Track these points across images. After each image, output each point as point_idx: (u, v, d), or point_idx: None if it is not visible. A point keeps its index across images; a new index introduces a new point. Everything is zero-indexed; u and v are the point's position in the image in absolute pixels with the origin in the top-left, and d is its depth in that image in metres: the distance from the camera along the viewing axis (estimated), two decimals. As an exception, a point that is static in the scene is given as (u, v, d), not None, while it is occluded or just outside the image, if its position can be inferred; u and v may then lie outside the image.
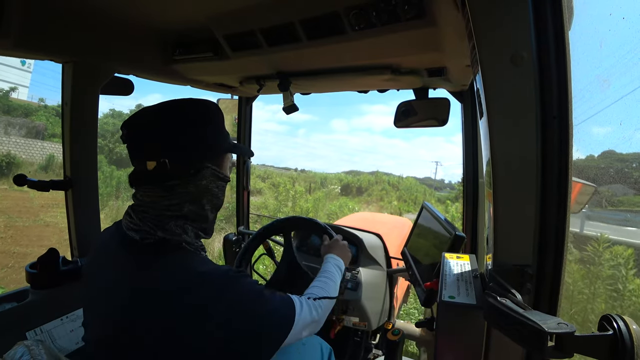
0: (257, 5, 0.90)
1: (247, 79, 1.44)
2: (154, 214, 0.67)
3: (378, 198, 18.09)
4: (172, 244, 0.66)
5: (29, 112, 18.22)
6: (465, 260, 0.78)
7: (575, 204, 0.55)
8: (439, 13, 0.77)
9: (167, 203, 0.67)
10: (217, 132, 0.74)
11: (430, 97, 1.34)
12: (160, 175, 0.66)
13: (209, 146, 0.71)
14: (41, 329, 1.03)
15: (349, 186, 19.83)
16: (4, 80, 22.46)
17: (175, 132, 0.68)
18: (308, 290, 0.83)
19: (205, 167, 0.70)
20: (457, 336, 0.63)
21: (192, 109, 0.71)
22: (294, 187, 12.67)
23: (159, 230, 0.65)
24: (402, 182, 21.36)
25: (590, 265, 3.55)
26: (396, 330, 1.37)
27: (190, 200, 0.69)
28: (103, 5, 0.94)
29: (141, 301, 0.61)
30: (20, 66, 25.75)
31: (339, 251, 1.07)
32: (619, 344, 0.41)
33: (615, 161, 3.98)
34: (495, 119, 0.53)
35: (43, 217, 8.20)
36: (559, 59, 0.51)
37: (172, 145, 0.67)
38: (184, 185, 0.68)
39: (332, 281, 0.89)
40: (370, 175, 22.03)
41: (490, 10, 0.52)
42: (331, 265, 0.97)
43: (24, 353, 0.57)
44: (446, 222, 1.10)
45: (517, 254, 0.55)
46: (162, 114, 0.70)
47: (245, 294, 0.65)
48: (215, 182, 0.72)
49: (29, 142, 15.62)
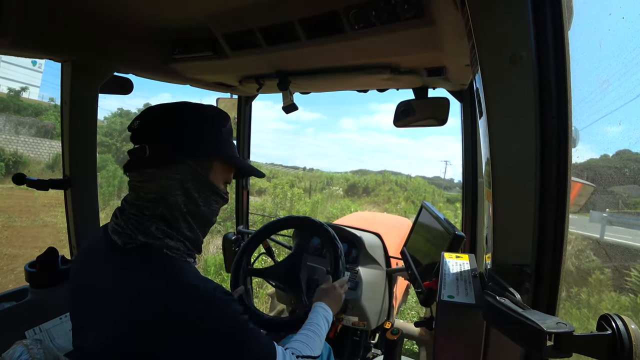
0: (256, 4, 0.89)
1: (246, 78, 1.44)
2: (134, 213, 0.66)
3: (385, 199, 17.60)
4: (155, 248, 0.64)
5: (38, 111, 18.42)
6: (465, 259, 0.78)
7: (574, 204, 0.55)
8: (438, 12, 0.77)
9: (144, 196, 0.67)
10: (208, 133, 0.71)
11: (430, 96, 1.34)
12: (139, 161, 0.67)
13: (191, 143, 0.69)
14: (40, 328, 1.03)
15: (355, 186, 19.37)
16: (15, 80, 22.90)
17: (162, 121, 0.69)
18: (292, 345, 0.79)
19: (182, 162, 0.67)
20: (456, 335, 0.63)
21: (191, 107, 0.72)
22: (292, 189, 12.23)
23: (140, 234, 0.64)
24: (410, 182, 20.70)
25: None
26: (395, 329, 1.38)
27: (162, 195, 0.67)
28: (102, 4, 0.94)
29: (125, 310, 0.59)
30: (32, 66, 25.95)
31: (332, 300, 1.02)
32: (618, 343, 0.41)
33: (630, 161, 3.94)
34: (495, 118, 0.53)
35: (43, 217, 8.17)
36: (559, 58, 0.51)
37: (154, 133, 0.68)
38: (157, 175, 0.66)
39: (318, 337, 0.85)
40: (378, 175, 21.50)
41: (489, 9, 0.51)
42: (320, 318, 0.92)
43: (23, 352, 0.57)
44: (445, 221, 1.10)
45: (516, 253, 0.55)
46: (164, 107, 0.71)
47: (231, 316, 0.62)
48: (193, 182, 0.69)
49: (37, 141, 15.76)
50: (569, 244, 0.59)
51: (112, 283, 0.63)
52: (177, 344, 0.57)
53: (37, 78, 27.46)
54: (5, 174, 11.87)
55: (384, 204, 16.70)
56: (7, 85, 21.75)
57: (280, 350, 0.69)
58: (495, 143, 0.54)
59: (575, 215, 5.95)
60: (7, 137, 15.10)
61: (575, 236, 3.55)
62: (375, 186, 19.43)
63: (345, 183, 19.53)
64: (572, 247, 3.44)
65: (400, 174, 24.11)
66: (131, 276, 0.62)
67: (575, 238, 3.52)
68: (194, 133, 0.69)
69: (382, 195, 18.19)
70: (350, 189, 18.92)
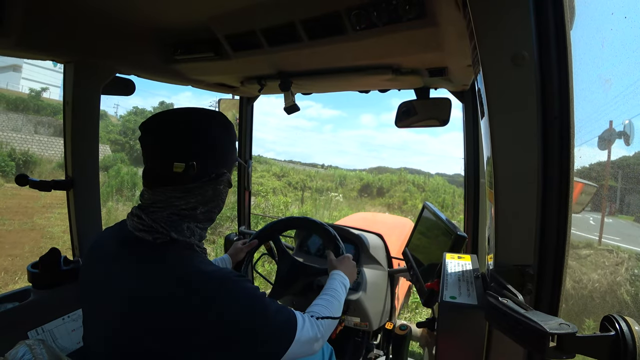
0: (258, 5, 0.90)
1: (248, 79, 1.44)
2: (166, 214, 0.68)
3: (400, 201, 16.13)
4: (182, 244, 0.69)
5: (57, 110, 18.64)
6: (467, 260, 0.78)
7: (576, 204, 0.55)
8: (440, 13, 0.76)
9: (183, 203, 0.70)
10: (234, 142, 0.80)
11: (432, 97, 1.34)
12: (185, 177, 0.68)
13: (227, 154, 0.76)
14: (42, 328, 1.03)
15: (369, 186, 17.95)
16: (37, 81, 23.22)
17: (204, 136, 0.71)
18: (311, 308, 0.82)
19: (223, 173, 0.75)
20: (459, 336, 0.63)
21: (219, 117, 0.76)
22: (277, 196, 10.65)
23: (172, 231, 0.68)
24: (428, 183, 18.51)
25: None
26: (403, 325, 1.38)
27: (204, 202, 0.73)
28: (104, 5, 0.94)
29: (144, 301, 0.61)
30: (52, 67, 26.46)
31: (347, 269, 1.05)
32: (621, 344, 0.41)
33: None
34: (497, 118, 0.53)
35: (35, 220, 7.83)
36: (561, 58, 0.51)
37: (200, 149, 0.70)
38: (203, 188, 0.71)
39: (336, 300, 0.88)
40: (393, 174, 19.81)
41: (491, 9, 0.51)
42: (338, 283, 0.95)
43: (26, 352, 0.57)
44: (447, 222, 1.09)
45: (518, 254, 0.55)
46: (193, 118, 0.72)
47: (248, 292, 0.67)
48: (227, 187, 0.78)
49: (52, 140, 15.89)
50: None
51: (128, 278, 0.65)
52: (201, 320, 0.60)
53: (57, 78, 27.91)
54: (15, 174, 11.89)
55: (399, 207, 15.42)
56: (30, 85, 22.21)
57: (299, 314, 0.74)
58: (497, 143, 0.54)
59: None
60: (24, 136, 15.28)
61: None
62: (390, 186, 17.97)
63: (359, 182, 18.25)
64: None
65: (419, 172, 22.80)
66: (151, 270, 0.64)
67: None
68: (224, 145, 0.76)
69: (398, 196, 16.78)
70: (364, 189, 17.69)
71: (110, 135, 19.06)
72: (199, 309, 0.60)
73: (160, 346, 0.60)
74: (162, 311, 0.60)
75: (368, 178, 19.00)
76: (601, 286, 3.87)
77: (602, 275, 4.03)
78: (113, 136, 19.08)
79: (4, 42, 0.90)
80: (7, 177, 11.64)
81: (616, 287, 3.78)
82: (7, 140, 14.02)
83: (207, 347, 0.61)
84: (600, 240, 5.16)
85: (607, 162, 4.75)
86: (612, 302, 3.60)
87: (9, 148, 13.36)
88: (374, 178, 18.96)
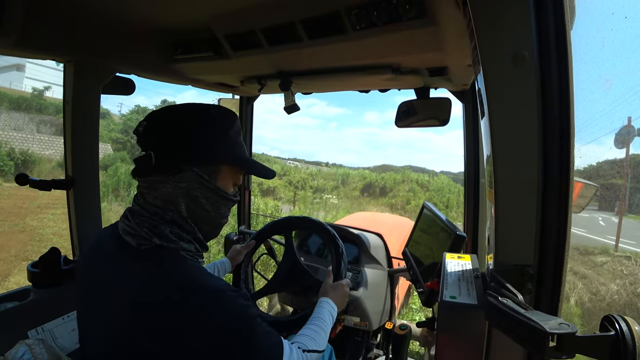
0: (258, 5, 0.90)
1: (248, 78, 1.44)
2: (148, 217, 0.67)
3: (404, 201, 15.57)
4: (169, 250, 0.66)
5: (59, 109, 18.48)
6: (467, 260, 0.78)
7: (576, 204, 0.55)
8: (440, 12, 0.76)
9: (152, 199, 0.67)
10: (214, 139, 0.70)
11: (432, 96, 1.34)
12: (145, 168, 0.67)
13: (197, 149, 0.68)
14: (42, 327, 1.03)
15: (371, 185, 17.50)
16: (40, 80, 23.23)
17: (167, 127, 0.68)
18: (298, 339, 0.80)
19: (187, 170, 0.67)
20: (458, 336, 0.63)
21: (194, 111, 0.70)
22: (264, 198, 10.49)
23: (155, 236, 0.65)
24: (432, 182, 17.63)
25: None
26: (403, 325, 1.38)
27: (169, 201, 0.67)
28: (104, 5, 0.94)
29: (140, 307, 0.60)
30: (56, 66, 26.50)
31: (338, 298, 1.01)
32: (621, 344, 0.41)
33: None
34: (497, 118, 0.53)
35: (28, 221, 7.60)
36: (561, 58, 0.51)
37: (161, 141, 0.67)
38: (163, 182, 0.67)
39: (323, 331, 0.86)
40: (397, 173, 19.28)
41: (491, 9, 0.51)
42: (326, 313, 0.92)
43: (25, 352, 0.57)
44: (447, 221, 1.09)
45: (518, 254, 0.55)
46: (167, 112, 0.71)
47: (239, 310, 0.63)
48: (200, 190, 0.69)
49: (53, 139, 15.81)
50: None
51: (126, 282, 0.63)
52: (187, 337, 0.58)
53: (60, 77, 27.86)
54: (13, 173, 11.87)
55: (402, 207, 14.94)
56: (33, 85, 22.19)
57: (287, 344, 0.71)
58: (497, 143, 0.53)
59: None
60: (24, 135, 15.17)
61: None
62: (393, 185, 17.44)
63: (362, 181, 17.84)
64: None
65: (424, 170, 22.34)
66: (144, 276, 0.63)
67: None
68: (199, 139, 0.68)
69: (401, 196, 16.30)
70: (366, 189, 17.31)
71: (111, 134, 19.04)
72: (192, 316, 0.59)
73: (158, 346, 0.59)
74: (158, 322, 0.59)
75: (371, 177, 18.60)
76: (620, 298, 3.70)
77: (621, 286, 3.85)
78: (114, 135, 19.06)
79: (4, 42, 0.90)
80: (5, 176, 11.59)
81: (637, 300, 3.62)
82: (7, 140, 13.98)
83: (200, 351, 0.59)
84: (617, 245, 4.93)
85: (625, 160, 4.63)
86: (633, 316, 3.59)
87: (8, 147, 13.33)
88: (377, 177, 18.58)
